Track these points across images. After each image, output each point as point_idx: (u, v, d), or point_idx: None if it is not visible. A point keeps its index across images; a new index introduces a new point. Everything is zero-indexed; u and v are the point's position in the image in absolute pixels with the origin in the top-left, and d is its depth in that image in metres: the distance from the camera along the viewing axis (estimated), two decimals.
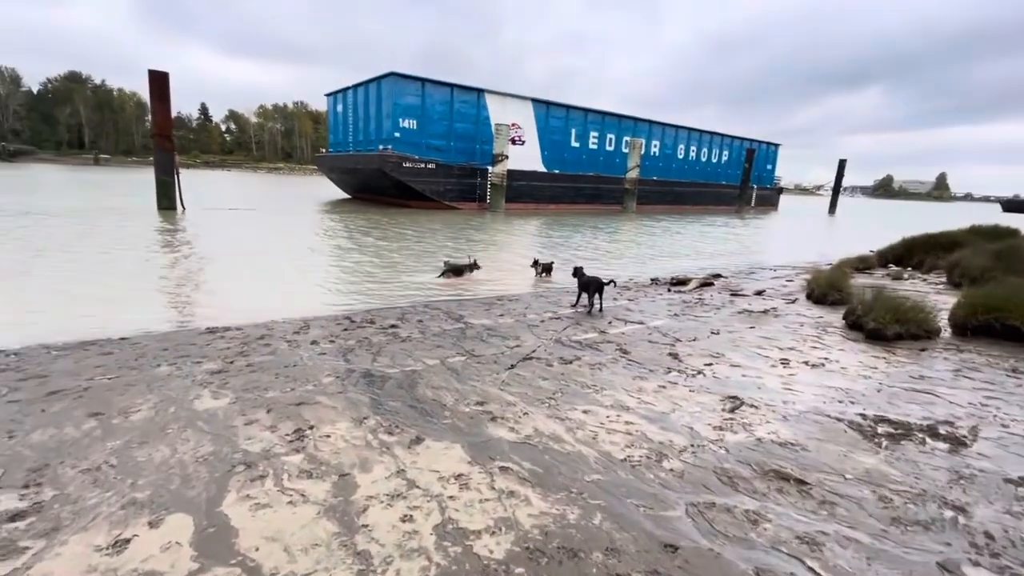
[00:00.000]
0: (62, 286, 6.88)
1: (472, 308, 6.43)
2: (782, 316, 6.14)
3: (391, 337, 4.96)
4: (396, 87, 23.60)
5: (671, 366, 4.24)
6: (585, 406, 3.37)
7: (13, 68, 76.78)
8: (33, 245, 9.73)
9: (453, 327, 5.40)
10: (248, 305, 6.46)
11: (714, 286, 8.58)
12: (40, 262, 8.29)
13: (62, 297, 6.40)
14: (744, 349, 4.78)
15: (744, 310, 6.47)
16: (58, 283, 7.03)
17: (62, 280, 7.21)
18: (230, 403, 3.27)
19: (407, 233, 14.92)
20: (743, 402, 3.49)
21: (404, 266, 9.67)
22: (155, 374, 3.82)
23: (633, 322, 5.77)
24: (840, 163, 46.29)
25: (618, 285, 8.50)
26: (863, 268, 10.62)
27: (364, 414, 3.16)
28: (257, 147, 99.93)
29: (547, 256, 9.94)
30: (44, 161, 64.29)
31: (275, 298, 6.80)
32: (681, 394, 3.64)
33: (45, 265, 8.10)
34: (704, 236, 19.40)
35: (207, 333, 5.12)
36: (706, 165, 40.86)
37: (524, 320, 5.81)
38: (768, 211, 44.40)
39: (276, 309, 6.19)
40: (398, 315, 5.95)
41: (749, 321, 5.90)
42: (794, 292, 7.86)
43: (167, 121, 17.83)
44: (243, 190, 33.65)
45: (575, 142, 30.89)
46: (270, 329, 5.31)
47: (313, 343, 4.72)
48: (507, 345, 4.71)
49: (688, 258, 13.09)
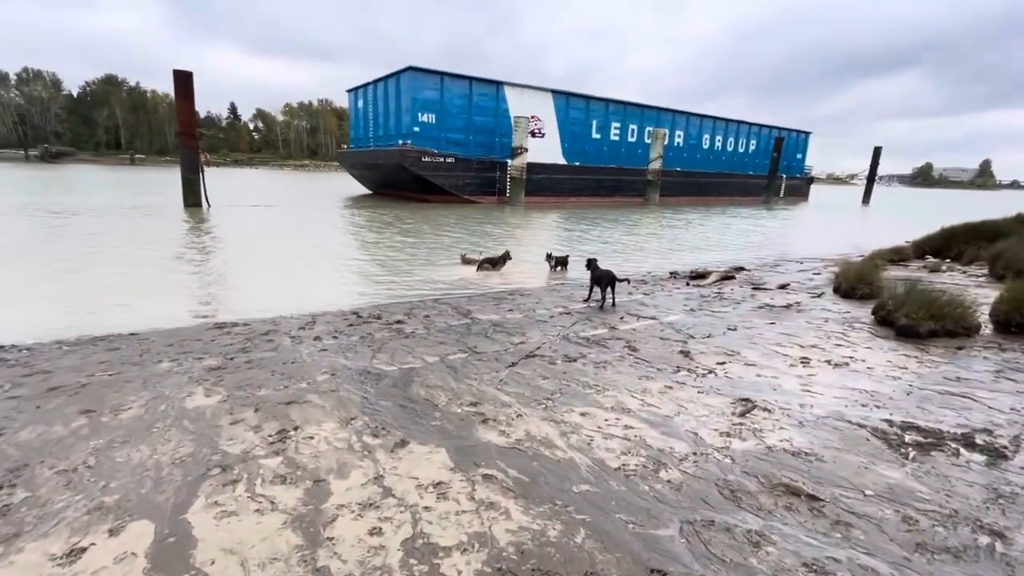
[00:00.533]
0: (86, 281, 7.05)
1: (481, 303, 6.29)
2: (806, 311, 5.79)
3: (395, 333, 4.86)
4: (414, 81, 23.56)
5: (681, 364, 4.00)
6: (584, 408, 3.19)
7: (54, 72, 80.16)
8: (55, 243, 10.05)
9: (459, 323, 5.27)
10: (260, 300, 6.48)
11: (735, 280, 8.22)
12: (63, 259, 8.53)
13: (84, 292, 6.54)
14: (761, 347, 4.49)
15: (765, 305, 6.14)
16: (82, 279, 7.20)
17: (86, 276, 7.38)
18: (220, 401, 3.21)
19: (423, 228, 14.88)
20: (755, 405, 3.25)
21: (417, 261, 9.60)
22: (155, 370, 3.80)
23: (646, 317, 5.53)
24: (875, 150, 44.26)
25: (635, 280, 8.23)
26: (898, 260, 10.04)
27: (352, 414, 3.05)
28: (284, 145, 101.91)
29: (562, 250, 9.71)
30: (84, 162, 66.96)
31: (287, 294, 6.81)
32: (688, 395, 3.41)
33: (70, 261, 8.32)
34: (728, 228, 18.78)
35: (215, 328, 5.12)
36: (732, 155, 39.64)
37: (533, 316, 5.63)
38: (798, 202, 42.85)
39: (286, 305, 6.19)
40: (406, 310, 5.86)
41: (769, 317, 5.58)
42: (821, 286, 7.44)
43: (192, 119, 18.21)
44: (268, 187, 34.32)
45: (596, 133, 30.34)
46: (277, 324, 5.29)
47: (316, 339, 4.66)
48: (511, 342, 4.55)
49: (711, 251, 12.65)
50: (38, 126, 74.83)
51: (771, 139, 40.70)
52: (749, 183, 40.27)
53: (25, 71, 77.30)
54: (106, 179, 35.36)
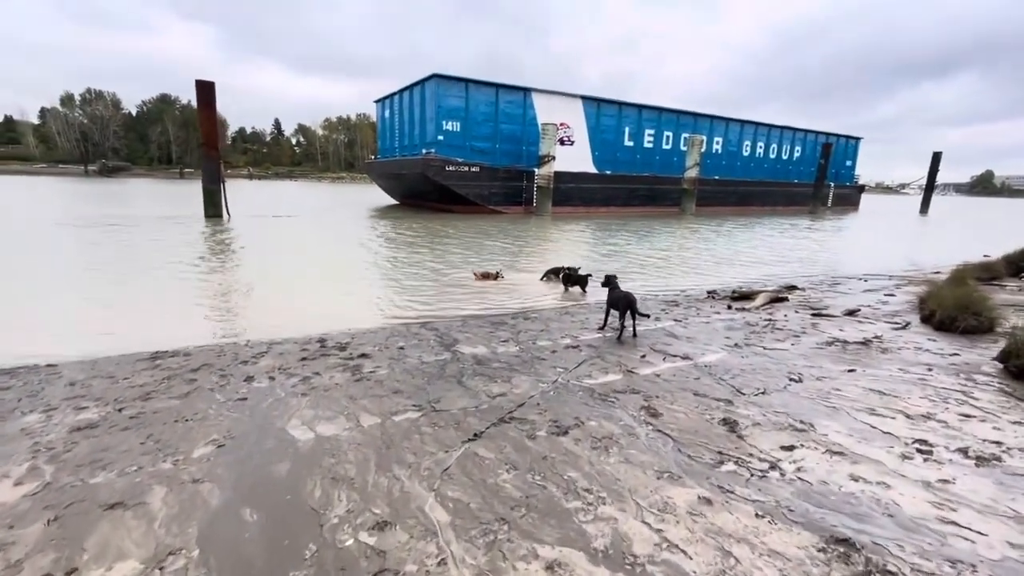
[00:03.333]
0: (43, 297, 6.42)
1: (474, 329, 5.23)
2: (893, 351, 4.39)
3: (349, 374, 3.85)
4: (439, 89, 22.99)
5: (724, 449, 2.72)
6: (554, 551, 1.92)
7: (114, 93, 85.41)
8: (43, 254, 9.66)
9: (436, 358, 4.22)
10: (227, 322, 5.67)
11: (788, 302, 6.85)
12: (41, 271, 8.02)
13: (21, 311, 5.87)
14: (846, 414, 3.15)
15: (834, 339, 4.79)
16: (41, 293, 6.59)
17: (48, 291, 6.78)
18: (22, 497, 2.20)
19: (438, 239, 14.01)
20: (862, 553, 1.90)
21: (421, 276, 8.65)
22: (8, 428, 2.89)
23: (675, 356, 4.30)
24: (934, 156, 40.85)
25: (666, 300, 6.98)
26: (988, 278, 8.36)
27: (179, 542, 1.93)
28: (322, 158, 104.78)
29: (588, 265, 8.48)
30: (138, 176, 70.49)
31: (263, 314, 5.95)
32: (739, 526, 2.07)
33: (37, 277, 7.80)
34: (773, 239, 17.07)
35: (146, 360, 4.26)
36: (775, 162, 37.34)
37: (531, 348, 4.52)
38: (847, 211, 39.93)
39: (253, 327, 5.34)
40: (382, 339, 4.86)
41: (844, 358, 4.24)
42: (901, 312, 5.99)
43: (213, 130, 18.14)
44: (299, 198, 34.56)
45: (628, 141, 28.99)
46: (221, 354, 4.39)
47: (248, 379, 3.71)
48: (490, 392, 3.43)
49: (754, 265, 11.17)
50: (98, 143, 79.52)
51: (817, 145, 38.12)
52: (794, 192, 37.78)
53: (88, 91, 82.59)
54: (152, 191, 36.58)
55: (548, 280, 8.18)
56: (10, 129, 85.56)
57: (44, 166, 70.91)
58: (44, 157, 76.76)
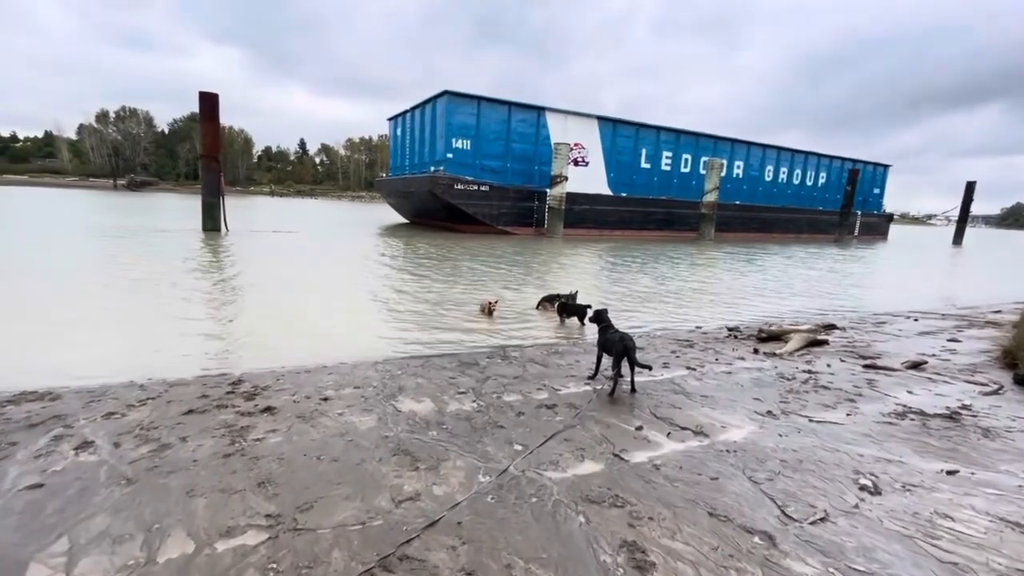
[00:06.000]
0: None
1: (435, 372, 4.14)
2: (1001, 434, 3.09)
3: (227, 439, 2.79)
4: (450, 106, 22.43)
5: None
6: None
7: (147, 110, 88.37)
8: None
9: (358, 420, 3.13)
10: (141, 355, 4.63)
11: (828, 345, 5.60)
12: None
13: None
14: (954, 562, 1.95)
15: (905, 409, 3.54)
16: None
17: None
18: None
19: (433, 261, 13.06)
20: None
21: (401, 303, 7.63)
22: None
23: (685, 429, 3.13)
24: (968, 185, 38.85)
25: (678, 338, 5.81)
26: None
27: None
28: (344, 177, 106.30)
29: (593, 294, 7.33)
30: (164, 190, 72.13)
31: (176, 342, 4.95)
32: None
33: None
34: (797, 268, 15.68)
35: (7, 402, 3.29)
36: (799, 188, 35.85)
37: (492, 407, 3.40)
38: (875, 241, 38.05)
39: (157, 366, 4.27)
40: (313, 382, 3.80)
41: (932, 445, 2.99)
42: (979, 366, 4.71)
43: (215, 142, 17.77)
44: (310, 215, 34.30)
45: (645, 163, 28.01)
46: (97, 398, 3.40)
47: (79, 447, 2.67)
48: (398, 491, 2.27)
49: (780, 297, 9.89)
50: (129, 158, 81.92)
51: (843, 172, 36.59)
52: (819, 219, 36.15)
53: (123, 109, 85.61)
54: (171, 204, 36.83)
55: (544, 309, 7.12)
56: (48, 144, 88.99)
57: (75, 179, 73.08)
58: (77, 171, 79.27)
